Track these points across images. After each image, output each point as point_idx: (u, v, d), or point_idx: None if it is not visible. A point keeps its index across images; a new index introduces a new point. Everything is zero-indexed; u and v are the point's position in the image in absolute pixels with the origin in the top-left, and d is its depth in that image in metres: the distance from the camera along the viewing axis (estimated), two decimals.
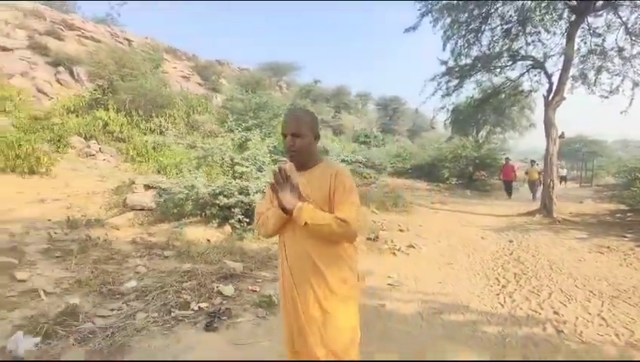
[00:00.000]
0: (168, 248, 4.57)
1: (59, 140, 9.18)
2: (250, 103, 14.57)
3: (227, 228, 5.39)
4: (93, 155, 9.88)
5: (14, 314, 2.83)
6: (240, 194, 5.25)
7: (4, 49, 15.66)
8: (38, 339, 2.44)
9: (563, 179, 20.31)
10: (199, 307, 3.10)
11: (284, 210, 1.55)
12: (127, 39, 24.73)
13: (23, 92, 11.44)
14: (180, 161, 8.36)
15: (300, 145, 1.57)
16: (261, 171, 5.41)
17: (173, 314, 2.93)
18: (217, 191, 5.30)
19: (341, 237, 1.52)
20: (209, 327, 2.77)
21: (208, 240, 5.05)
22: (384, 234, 6.47)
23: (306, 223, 1.50)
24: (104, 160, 10.26)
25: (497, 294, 3.91)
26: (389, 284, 4.17)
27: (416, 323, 3.19)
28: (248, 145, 6.37)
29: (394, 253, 5.50)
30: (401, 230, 6.92)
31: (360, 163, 13.88)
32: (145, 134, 11.92)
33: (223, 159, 5.47)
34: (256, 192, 5.16)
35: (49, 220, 4.89)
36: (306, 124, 1.59)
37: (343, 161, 12.98)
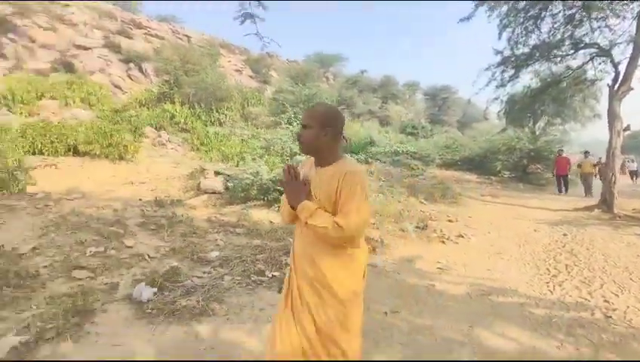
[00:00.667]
0: (239, 226, 5.21)
1: (135, 130, 10.35)
2: (300, 95, 15.09)
3: None
4: (164, 144, 10.98)
5: (131, 271, 3.55)
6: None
7: (85, 48, 17.57)
8: (155, 289, 3.10)
9: (634, 174, 18.73)
10: (272, 275, 3.64)
11: (291, 205, 1.63)
12: (187, 35, 26.39)
13: (103, 87, 12.86)
14: (241, 150, 9.11)
15: (306, 136, 1.60)
16: None
17: (252, 279, 3.49)
18: (278, 178, 5.86)
19: (337, 240, 1.52)
20: (281, 289, 3.29)
21: (271, 222, 5.64)
22: (433, 223, 6.68)
23: (306, 222, 1.55)
24: (172, 148, 11.35)
25: (547, 282, 4.06)
26: (438, 268, 4.46)
27: (465, 301, 3.49)
28: None
29: (443, 242, 5.72)
30: (450, 220, 7.08)
31: (408, 154, 13.95)
32: (206, 125, 12.95)
33: (283, 149, 6.00)
34: None
35: (140, 199, 5.76)
36: (316, 118, 1.59)
37: (393, 152, 13.17)
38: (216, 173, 6.74)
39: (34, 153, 6.71)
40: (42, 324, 2.51)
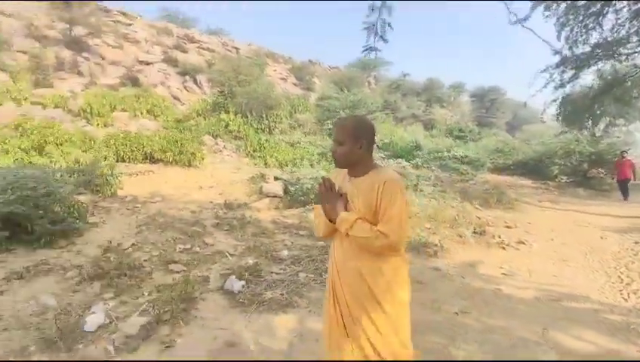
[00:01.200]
0: (301, 228, 5.54)
1: (195, 139, 11.16)
2: (346, 101, 15.38)
3: None
4: (220, 151, 11.72)
5: (215, 266, 3.97)
6: None
7: (147, 63, 19.12)
8: (243, 282, 3.47)
9: None
10: None
11: (329, 218, 1.62)
12: (235, 47, 27.74)
13: (165, 99, 13.98)
14: (293, 156, 9.53)
15: (341, 152, 1.60)
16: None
17: (324, 277, 3.77)
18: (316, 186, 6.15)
19: (380, 249, 1.52)
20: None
21: None
22: (490, 229, 6.61)
23: (347, 233, 1.55)
24: (227, 155, 12.08)
25: (620, 290, 3.95)
26: (502, 273, 4.48)
27: (534, 305, 3.52)
28: None
29: (503, 248, 5.67)
30: (508, 226, 6.96)
31: (457, 158, 13.72)
32: (257, 132, 13.63)
33: None
34: None
35: (211, 202, 6.30)
36: (348, 132, 1.59)
37: (441, 156, 13.03)
38: (275, 178, 7.17)
39: (117, 160, 7.56)
40: (158, 308, 2.94)
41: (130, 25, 22.36)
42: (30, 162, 5.97)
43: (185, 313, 2.94)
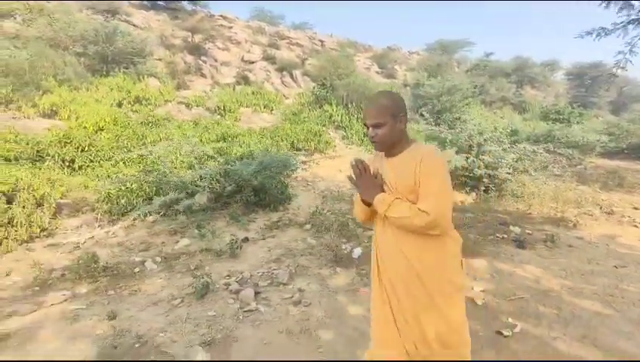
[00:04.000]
0: None
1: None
2: (442, 87, 15.76)
3: (473, 194, 7.08)
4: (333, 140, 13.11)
5: None
6: (486, 168, 6.82)
7: (251, 62, 21.39)
8: None
9: None
10: (501, 236, 4.87)
11: (364, 201, 1.58)
12: (320, 40, 29.19)
13: (277, 95, 15.80)
14: None
15: (382, 134, 1.52)
16: (505, 150, 6.83)
17: (493, 236, 4.77)
18: (462, 166, 7.02)
19: (422, 229, 1.43)
20: (520, 245, 4.50)
21: (462, 202, 6.86)
22: (618, 210, 6.96)
23: (386, 215, 1.49)
24: (336, 144, 13.45)
25: None
26: None
27: None
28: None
29: (636, 226, 6.08)
30: (635, 208, 7.20)
31: (561, 142, 13.43)
32: (358, 122, 14.80)
33: (470, 140, 7.09)
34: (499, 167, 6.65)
35: None
36: (385, 111, 1.51)
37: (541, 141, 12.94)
38: None
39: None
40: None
41: (230, 27, 24.96)
42: (219, 150, 7.75)
43: None
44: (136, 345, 2.36)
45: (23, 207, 4.15)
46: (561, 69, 32.84)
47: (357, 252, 4.11)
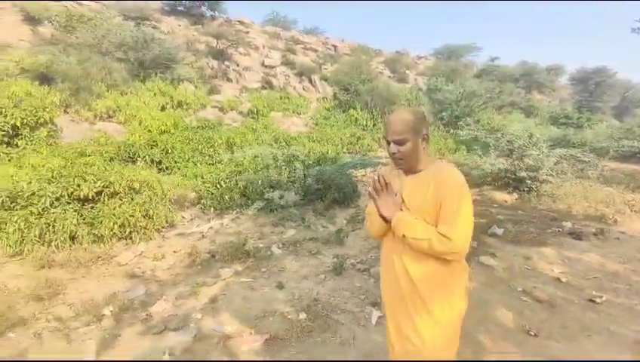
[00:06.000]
0: (484, 205, 7.26)
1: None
2: (462, 93, 16.50)
3: (514, 194, 7.79)
4: None
5: None
6: (527, 170, 7.53)
7: (271, 67, 22.08)
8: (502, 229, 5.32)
9: None
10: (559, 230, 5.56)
11: (383, 218, 1.52)
12: (334, 45, 29.95)
13: (305, 99, 16.50)
14: (431, 147, 11.32)
15: (404, 151, 1.48)
16: (547, 156, 7.55)
17: (550, 230, 5.46)
18: (506, 168, 7.72)
19: (442, 254, 1.40)
20: (577, 237, 5.20)
21: (505, 201, 7.56)
22: None
23: (404, 235, 1.44)
24: None
25: None
26: None
27: None
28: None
29: None
30: None
31: (574, 146, 14.18)
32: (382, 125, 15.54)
33: (510, 145, 7.78)
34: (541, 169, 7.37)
35: None
36: (408, 128, 1.47)
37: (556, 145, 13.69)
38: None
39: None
40: None
41: (247, 32, 25.63)
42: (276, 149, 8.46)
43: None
44: (319, 305, 3.03)
45: (150, 200, 4.80)
46: (565, 73, 33.79)
47: None
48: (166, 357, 2.35)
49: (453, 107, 16.90)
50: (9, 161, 5.87)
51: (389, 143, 1.53)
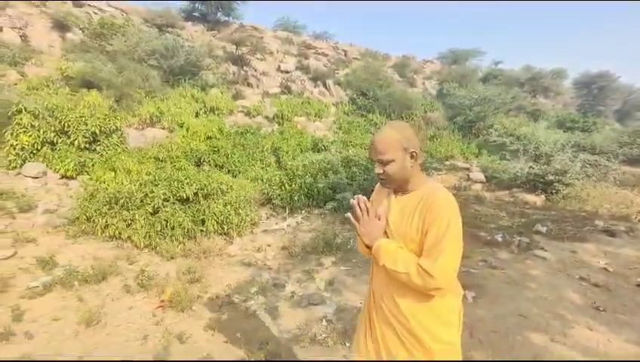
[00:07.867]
0: (518, 206, 7.92)
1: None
2: (478, 98, 17.18)
3: (542, 196, 8.46)
4: None
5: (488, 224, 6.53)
6: (554, 174, 8.20)
7: (287, 72, 22.72)
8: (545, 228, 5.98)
9: None
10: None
11: (364, 244, 1.44)
12: (344, 50, 30.62)
13: (327, 104, 17.14)
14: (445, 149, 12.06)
15: (390, 171, 1.37)
16: (572, 161, 8.23)
17: (586, 228, 6.12)
18: (535, 172, 8.40)
19: (422, 289, 1.29)
20: (611, 234, 5.86)
21: (535, 202, 8.23)
22: None
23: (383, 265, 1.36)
24: None
25: None
26: None
27: None
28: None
29: None
30: None
31: (584, 150, 14.87)
32: None
33: (537, 150, 8.47)
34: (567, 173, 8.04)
35: None
36: (392, 147, 1.35)
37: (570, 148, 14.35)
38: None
39: None
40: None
41: (261, 37, 26.27)
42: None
43: None
44: None
45: (236, 200, 5.42)
46: (568, 77, 34.55)
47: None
48: (324, 324, 2.96)
49: (467, 112, 17.57)
50: (92, 165, 6.47)
51: (373, 161, 1.43)
